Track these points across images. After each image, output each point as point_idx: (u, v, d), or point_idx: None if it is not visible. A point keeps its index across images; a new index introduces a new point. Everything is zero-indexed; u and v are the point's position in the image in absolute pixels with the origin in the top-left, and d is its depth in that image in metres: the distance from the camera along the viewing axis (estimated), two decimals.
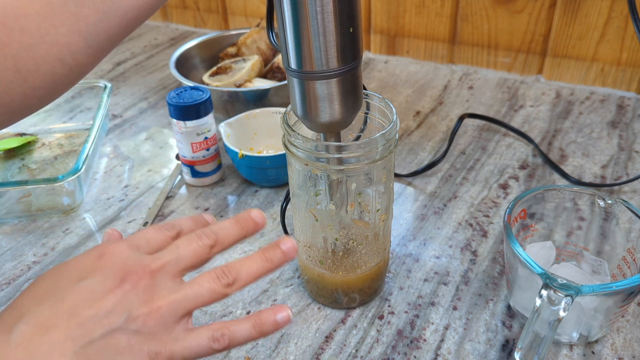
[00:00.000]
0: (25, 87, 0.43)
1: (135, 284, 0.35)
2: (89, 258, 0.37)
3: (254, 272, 0.38)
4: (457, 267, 0.60)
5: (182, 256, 0.37)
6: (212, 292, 0.37)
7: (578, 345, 0.51)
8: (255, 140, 0.77)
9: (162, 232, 0.40)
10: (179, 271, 0.37)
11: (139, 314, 0.35)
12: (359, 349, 0.52)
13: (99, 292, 0.35)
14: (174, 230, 0.40)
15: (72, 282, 0.35)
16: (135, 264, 0.36)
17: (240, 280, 0.38)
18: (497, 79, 0.98)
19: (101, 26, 0.43)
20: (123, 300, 0.35)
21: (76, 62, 0.44)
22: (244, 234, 0.40)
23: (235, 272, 0.38)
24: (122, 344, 0.34)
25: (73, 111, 0.91)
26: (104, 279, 0.35)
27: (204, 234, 0.38)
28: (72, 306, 0.34)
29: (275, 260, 0.39)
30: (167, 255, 0.37)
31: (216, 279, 0.37)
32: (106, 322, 0.34)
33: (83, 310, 0.34)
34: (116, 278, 0.35)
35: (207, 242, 0.38)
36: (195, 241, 0.38)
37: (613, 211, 0.53)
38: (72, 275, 0.36)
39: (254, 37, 0.96)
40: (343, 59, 0.43)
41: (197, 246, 0.38)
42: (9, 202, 0.70)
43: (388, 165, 0.49)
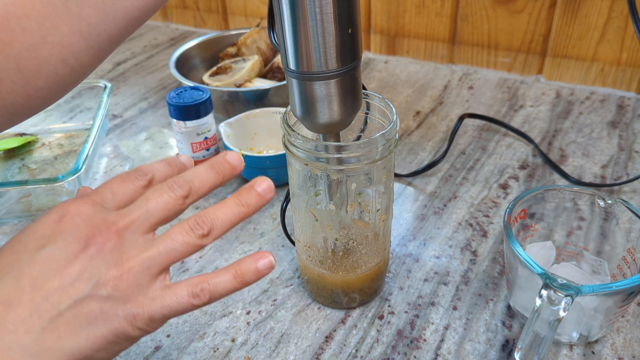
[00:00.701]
0: (28, 87, 0.43)
1: (101, 247, 0.33)
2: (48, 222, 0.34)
3: (230, 219, 0.35)
4: (457, 267, 0.60)
5: (152, 210, 0.34)
6: (186, 245, 0.34)
7: (578, 345, 0.51)
8: (255, 140, 0.77)
9: (130, 182, 0.36)
10: (149, 226, 0.35)
11: (109, 277, 0.32)
12: (359, 349, 0.52)
13: (62, 259, 0.32)
14: (144, 178, 0.37)
15: (32, 252, 0.33)
16: (99, 224, 0.33)
17: (216, 229, 0.35)
18: (497, 79, 0.98)
19: (102, 26, 0.43)
20: (89, 265, 0.32)
21: (78, 62, 0.44)
22: (220, 179, 0.37)
23: (210, 221, 0.35)
24: (94, 312, 0.32)
25: (73, 111, 0.91)
26: (65, 244, 0.33)
27: (176, 183, 0.35)
28: (34, 278, 0.32)
29: (252, 204, 0.36)
30: (136, 211, 0.34)
31: (190, 230, 0.34)
32: (73, 291, 0.31)
33: (46, 281, 0.32)
34: (80, 242, 0.33)
35: (180, 193, 0.35)
36: (167, 192, 0.35)
37: (613, 211, 0.53)
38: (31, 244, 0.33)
39: (254, 37, 0.96)
40: (342, 60, 0.43)
41: (168, 197, 0.35)
42: (9, 202, 0.70)
43: (388, 165, 0.49)
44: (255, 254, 0.36)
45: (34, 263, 0.32)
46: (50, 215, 0.34)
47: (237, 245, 0.65)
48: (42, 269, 0.32)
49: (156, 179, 0.37)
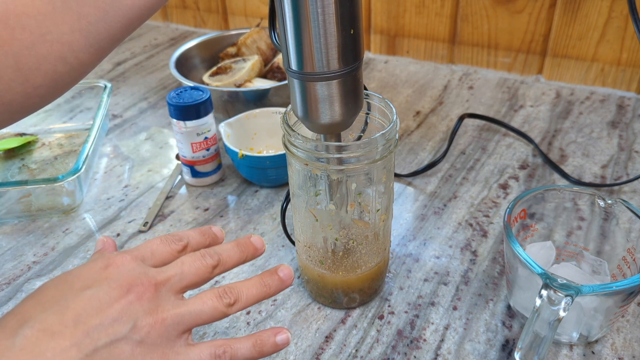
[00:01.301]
0: (26, 85, 0.43)
1: (140, 295, 0.36)
2: (95, 267, 0.37)
3: (254, 295, 0.40)
4: (457, 267, 0.60)
5: (186, 273, 0.38)
6: (214, 310, 0.38)
7: (578, 345, 0.51)
8: (255, 140, 0.77)
9: (168, 245, 0.40)
10: (181, 287, 0.38)
11: (144, 324, 0.35)
12: (359, 349, 0.52)
13: (105, 301, 0.35)
14: (180, 243, 0.41)
15: (77, 290, 0.36)
16: (140, 276, 0.37)
17: (240, 302, 0.39)
18: (497, 79, 0.98)
19: (102, 25, 0.43)
20: (128, 310, 0.35)
21: (77, 60, 0.44)
22: (244, 257, 0.42)
23: (237, 292, 0.39)
24: (126, 354, 0.34)
25: (73, 111, 0.91)
26: (109, 288, 0.36)
27: (208, 254, 0.40)
28: (77, 314, 0.34)
29: (273, 286, 0.41)
30: (172, 270, 0.38)
31: (219, 297, 0.38)
32: (111, 330, 0.34)
33: (89, 318, 0.34)
34: (122, 288, 0.36)
35: (211, 262, 0.40)
36: (200, 260, 0.39)
37: (613, 211, 0.53)
38: (77, 284, 0.36)
39: (254, 37, 0.96)
40: (344, 61, 0.43)
41: (200, 265, 0.39)
42: (9, 202, 0.70)
43: (388, 165, 0.49)
44: (275, 329, 0.40)
45: (78, 301, 0.35)
46: (96, 262, 0.38)
47: None
48: (86, 307, 0.35)
49: (190, 245, 0.42)
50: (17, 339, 0.33)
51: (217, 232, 0.44)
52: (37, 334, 0.33)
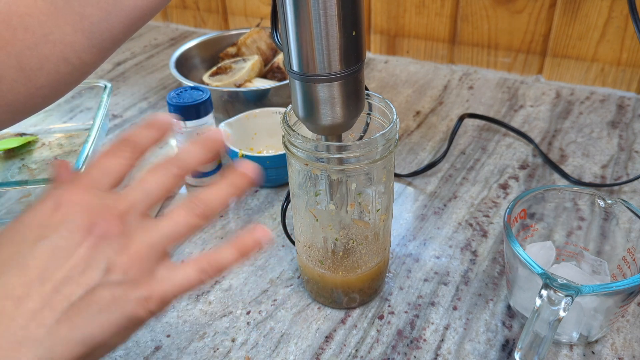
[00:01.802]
0: (29, 85, 0.43)
1: (105, 233, 0.32)
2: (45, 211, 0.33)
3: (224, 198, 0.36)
4: (457, 267, 0.60)
5: (150, 191, 0.34)
6: (188, 225, 0.34)
7: (578, 345, 0.51)
8: (255, 140, 0.77)
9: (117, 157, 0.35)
10: (147, 208, 0.34)
11: (117, 263, 0.32)
12: (359, 349, 0.52)
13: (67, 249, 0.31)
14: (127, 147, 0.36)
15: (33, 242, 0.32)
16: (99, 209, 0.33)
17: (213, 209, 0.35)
18: (497, 79, 0.98)
19: (105, 25, 0.43)
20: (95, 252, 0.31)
21: (80, 61, 0.44)
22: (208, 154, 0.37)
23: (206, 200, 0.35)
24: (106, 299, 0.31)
25: (73, 111, 0.91)
26: (68, 233, 0.32)
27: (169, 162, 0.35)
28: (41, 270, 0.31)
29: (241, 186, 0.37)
30: (134, 193, 0.34)
31: (190, 210, 0.34)
32: (83, 280, 0.31)
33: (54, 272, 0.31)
34: (82, 230, 0.32)
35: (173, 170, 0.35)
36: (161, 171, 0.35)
37: (613, 211, 0.53)
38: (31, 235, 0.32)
39: (254, 37, 0.96)
40: (346, 62, 0.43)
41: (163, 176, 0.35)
42: (9, 202, 0.70)
43: (388, 165, 0.49)
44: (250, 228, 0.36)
45: (38, 254, 0.31)
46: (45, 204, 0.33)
47: None
48: (48, 260, 0.31)
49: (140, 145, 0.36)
50: None
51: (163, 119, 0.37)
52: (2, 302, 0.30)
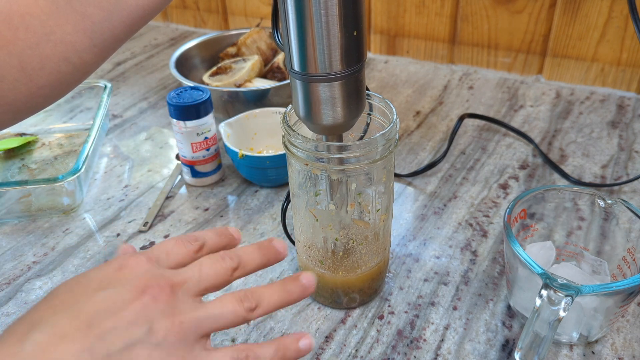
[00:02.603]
0: (30, 85, 0.43)
1: (156, 297, 0.34)
2: (108, 269, 0.36)
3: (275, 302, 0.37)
4: (457, 267, 0.60)
5: (204, 275, 0.36)
6: (234, 314, 0.36)
7: (578, 345, 0.51)
8: (255, 140, 0.77)
9: (183, 246, 0.38)
10: (199, 290, 0.36)
11: (161, 327, 0.33)
12: (359, 349, 0.52)
13: (120, 303, 0.33)
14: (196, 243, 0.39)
15: (91, 293, 0.34)
16: (156, 277, 0.35)
17: (262, 307, 0.37)
18: (497, 79, 0.98)
19: (106, 25, 0.43)
20: (144, 312, 0.33)
21: (81, 60, 0.44)
22: (265, 261, 0.39)
23: (258, 297, 0.37)
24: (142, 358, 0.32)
25: (73, 111, 0.91)
26: (124, 290, 0.34)
27: (228, 255, 0.38)
28: (91, 317, 0.33)
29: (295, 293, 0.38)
30: (189, 272, 0.36)
31: (240, 301, 0.36)
32: (126, 334, 0.32)
33: (102, 321, 0.33)
34: (137, 290, 0.34)
35: (230, 265, 0.37)
36: (219, 262, 0.37)
37: (613, 211, 0.53)
38: (91, 286, 0.35)
39: (254, 37, 0.96)
40: (347, 62, 0.43)
41: (220, 267, 0.37)
42: (9, 202, 0.70)
43: (388, 165, 0.49)
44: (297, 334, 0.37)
45: (92, 303, 0.33)
46: (109, 264, 0.36)
47: None
48: (99, 310, 0.33)
49: (207, 246, 0.39)
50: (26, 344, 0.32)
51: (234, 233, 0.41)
52: (47, 338, 0.32)
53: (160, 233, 0.67)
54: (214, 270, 0.37)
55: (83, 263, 0.63)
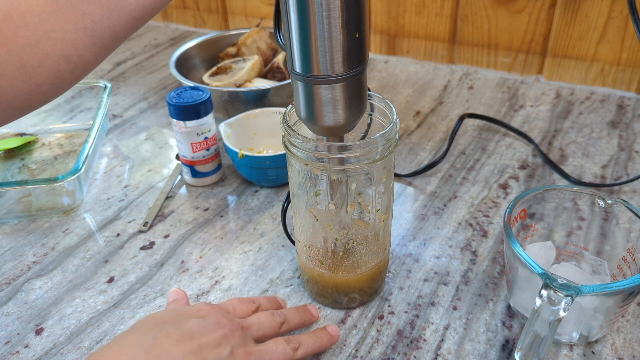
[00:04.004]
0: (29, 83, 0.43)
1: (232, 331, 0.45)
2: (195, 309, 0.47)
3: (311, 345, 0.49)
4: (457, 267, 0.60)
5: (262, 325, 0.48)
6: (284, 352, 0.46)
7: (578, 345, 0.51)
8: (255, 140, 0.77)
9: (245, 305, 0.51)
10: (258, 336, 0.47)
11: (238, 352, 0.44)
12: (359, 349, 0.52)
13: (208, 329, 0.44)
14: (254, 305, 0.51)
15: (186, 318, 0.45)
16: (230, 319, 0.46)
17: (302, 348, 0.48)
18: (497, 79, 0.98)
19: (106, 24, 0.43)
20: (226, 339, 0.44)
21: (81, 58, 0.44)
22: (303, 320, 0.53)
23: (299, 340, 0.48)
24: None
25: (73, 111, 0.91)
26: (210, 322, 0.45)
27: (277, 313, 0.50)
28: (190, 332, 0.43)
29: (325, 339, 0.51)
30: (252, 320, 0.48)
31: (287, 342, 0.47)
32: (217, 351, 0.43)
33: (200, 337, 0.43)
34: (218, 324, 0.45)
35: (279, 320, 0.50)
36: (271, 317, 0.49)
37: (613, 211, 0.53)
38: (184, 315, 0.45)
39: (254, 37, 0.96)
40: (349, 64, 0.42)
41: (272, 320, 0.49)
42: (9, 202, 0.70)
43: (388, 165, 0.49)
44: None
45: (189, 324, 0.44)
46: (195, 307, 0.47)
47: (237, 245, 0.65)
48: (195, 329, 0.43)
49: (261, 307, 0.52)
50: (149, 337, 0.41)
51: (280, 301, 0.55)
52: (164, 338, 0.42)
53: (160, 233, 0.67)
54: (268, 322, 0.49)
55: (83, 263, 0.63)
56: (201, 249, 0.64)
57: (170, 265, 0.62)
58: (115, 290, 0.60)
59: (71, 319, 0.56)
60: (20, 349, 0.54)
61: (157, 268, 0.62)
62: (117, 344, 0.42)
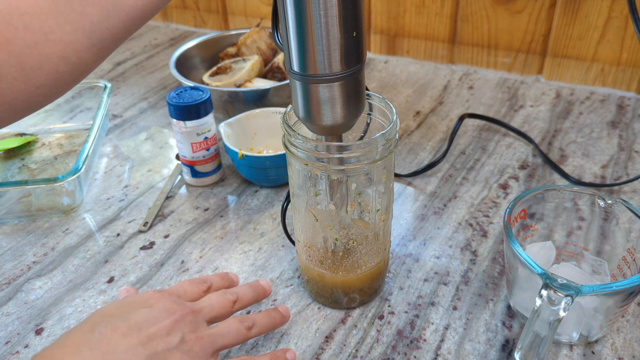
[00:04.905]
0: (29, 84, 0.43)
1: (183, 317, 0.44)
2: (144, 298, 0.46)
3: (264, 324, 0.49)
4: (457, 267, 0.60)
5: (214, 306, 0.47)
6: (238, 331, 0.46)
7: (578, 345, 0.51)
8: (255, 140, 0.77)
9: (196, 286, 0.50)
10: (210, 318, 0.47)
11: (189, 338, 0.43)
12: (359, 349, 0.52)
13: (158, 317, 0.43)
14: (205, 285, 0.50)
15: (135, 309, 0.44)
16: (180, 304, 0.45)
17: (256, 326, 0.48)
18: (497, 79, 0.98)
19: (105, 25, 0.43)
20: (176, 326, 0.43)
21: (80, 60, 0.44)
22: (256, 296, 0.52)
23: (252, 319, 0.48)
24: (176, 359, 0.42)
25: (73, 111, 0.91)
26: (159, 310, 0.44)
27: (229, 292, 0.49)
28: (138, 323, 0.42)
29: (277, 318, 0.51)
30: (203, 303, 0.47)
31: (240, 321, 0.47)
32: (167, 339, 0.42)
33: (149, 327, 0.42)
34: (168, 311, 0.44)
35: (231, 298, 0.49)
36: (223, 296, 0.48)
37: (613, 211, 0.53)
38: (133, 306, 0.44)
39: (254, 37, 0.96)
40: (346, 63, 0.42)
41: (224, 299, 0.48)
42: (9, 202, 0.70)
43: (388, 165, 0.49)
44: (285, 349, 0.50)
45: (138, 315, 0.43)
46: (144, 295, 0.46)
47: (237, 245, 0.65)
48: (144, 320, 0.43)
49: (213, 287, 0.51)
50: (94, 334, 0.41)
51: (233, 277, 0.54)
52: (110, 332, 0.41)
53: (160, 233, 0.67)
54: (220, 302, 0.48)
55: (83, 263, 0.63)
56: (201, 249, 0.64)
57: (170, 265, 0.62)
58: (115, 290, 0.60)
59: (71, 319, 0.56)
60: (20, 349, 0.54)
61: (157, 268, 0.62)
62: (61, 342, 0.41)
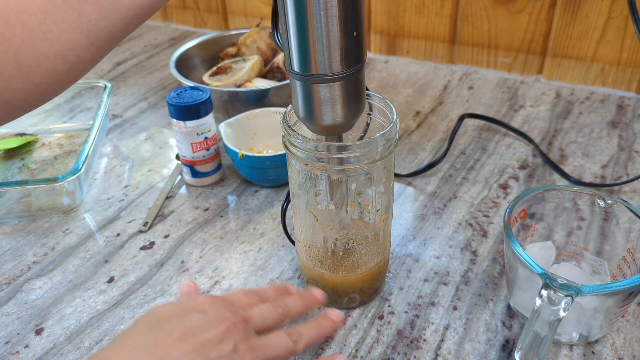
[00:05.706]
0: (26, 83, 0.43)
1: (236, 325, 0.44)
2: (198, 301, 0.46)
3: (313, 335, 0.48)
4: (457, 267, 0.60)
5: (264, 316, 0.47)
6: (285, 345, 0.46)
7: (578, 345, 0.51)
8: (255, 140, 0.77)
9: (249, 297, 0.50)
10: (260, 328, 0.47)
11: (242, 347, 0.43)
12: (359, 349, 0.52)
13: (211, 323, 0.43)
14: (258, 296, 0.50)
15: (189, 313, 0.44)
16: (233, 312, 0.45)
17: (303, 339, 0.47)
18: (497, 79, 0.98)
19: (103, 23, 0.43)
20: (229, 333, 0.43)
21: (78, 58, 0.44)
22: (306, 308, 0.51)
23: (299, 332, 0.48)
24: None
25: (73, 111, 0.91)
26: (213, 316, 0.44)
27: (279, 305, 0.49)
28: (192, 328, 0.42)
29: (327, 327, 0.50)
30: (254, 312, 0.47)
31: (287, 335, 0.47)
32: (220, 347, 0.42)
33: (202, 333, 0.42)
34: (221, 318, 0.44)
35: (281, 312, 0.49)
36: (274, 309, 0.48)
37: (613, 211, 0.53)
38: (187, 309, 0.45)
39: (254, 37, 0.96)
40: (346, 63, 0.42)
41: (275, 312, 0.48)
42: (9, 202, 0.70)
43: (388, 165, 0.49)
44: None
45: (192, 319, 0.43)
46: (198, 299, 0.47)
47: (237, 245, 0.65)
48: (197, 325, 0.43)
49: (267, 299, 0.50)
50: (149, 338, 0.41)
51: (290, 288, 0.53)
52: (165, 337, 0.41)
53: (160, 233, 0.67)
54: (270, 314, 0.48)
55: (83, 263, 0.63)
56: (201, 249, 0.64)
57: (170, 265, 0.62)
58: (115, 290, 0.60)
59: (71, 319, 0.56)
60: (20, 349, 0.54)
61: (157, 268, 0.62)
62: (117, 344, 0.42)
